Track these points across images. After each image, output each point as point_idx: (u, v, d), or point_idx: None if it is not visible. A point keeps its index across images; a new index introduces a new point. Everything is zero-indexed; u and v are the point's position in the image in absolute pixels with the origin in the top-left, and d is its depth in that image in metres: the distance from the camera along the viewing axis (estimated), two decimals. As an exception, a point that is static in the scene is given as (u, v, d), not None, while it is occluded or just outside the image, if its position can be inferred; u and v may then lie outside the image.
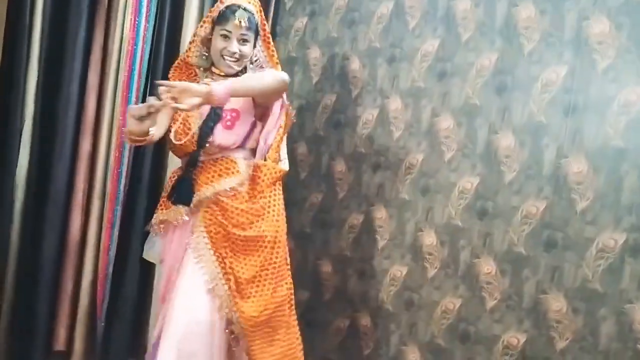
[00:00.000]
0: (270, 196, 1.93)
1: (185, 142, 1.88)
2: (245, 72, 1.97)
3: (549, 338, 1.83)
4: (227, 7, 1.90)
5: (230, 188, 1.89)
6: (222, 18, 1.89)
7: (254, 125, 1.96)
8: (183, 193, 1.88)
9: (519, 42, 1.96)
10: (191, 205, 1.88)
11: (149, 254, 2.04)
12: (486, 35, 2.06)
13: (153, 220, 1.97)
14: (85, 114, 2.23)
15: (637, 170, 1.68)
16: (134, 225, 2.39)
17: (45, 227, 2.19)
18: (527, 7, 1.95)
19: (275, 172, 1.94)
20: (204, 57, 1.98)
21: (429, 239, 2.16)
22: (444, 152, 2.14)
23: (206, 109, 1.88)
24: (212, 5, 2.56)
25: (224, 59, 1.90)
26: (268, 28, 2.04)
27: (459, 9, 2.14)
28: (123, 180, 2.40)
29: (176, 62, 2.05)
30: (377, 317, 2.29)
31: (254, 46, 1.97)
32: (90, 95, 2.23)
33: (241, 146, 1.96)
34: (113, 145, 2.34)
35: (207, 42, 1.96)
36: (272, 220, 1.92)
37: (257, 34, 1.95)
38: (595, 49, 1.78)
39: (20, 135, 2.08)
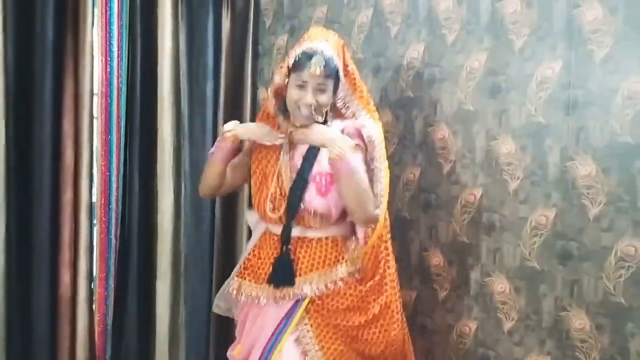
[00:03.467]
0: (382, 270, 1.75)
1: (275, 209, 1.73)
2: (326, 122, 1.76)
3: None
4: (303, 52, 1.68)
5: (341, 279, 1.71)
6: (298, 65, 1.67)
7: None
8: (285, 274, 1.71)
9: (507, 38, 1.81)
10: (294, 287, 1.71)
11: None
12: (473, 34, 1.90)
13: (233, 286, 1.83)
14: (62, 163, 2.13)
15: (651, 168, 1.51)
16: (129, 274, 2.30)
17: (33, 285, 2.10)
18: (512, 1, 1.79)
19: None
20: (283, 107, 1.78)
21: (436, 258, 2.01)
22: (442, 165, 1.99)
23: (291, 169, 1.74)
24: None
25: (299, 110, 1.71)
26: (351, 66, 1.78)
27: (440, 9, 1.99)
28: (112, 228, 2.31)
29: (260, 113, 1.91)
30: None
31: (334, 93, 1.74)
32: (67, 143, 2.14)
33: (342, 219, 1.77)
34: (97, 193, 2.24)
35: (283, 90, 1.75)
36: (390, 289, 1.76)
37: (337, 79, 1.72)
38: (590, 39, 1.62)
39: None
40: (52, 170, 2.10)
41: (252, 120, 2.65)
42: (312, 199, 1.72)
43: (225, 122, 2.58)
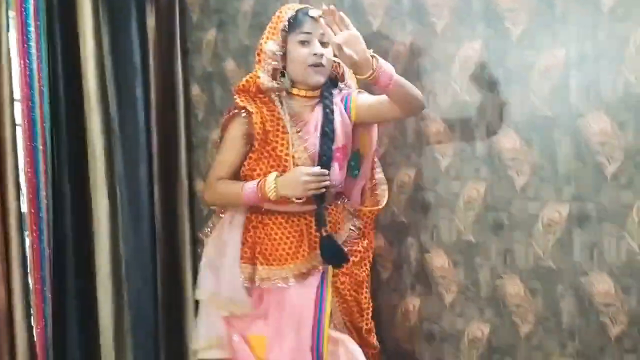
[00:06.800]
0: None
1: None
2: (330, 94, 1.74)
3: (512, 324, 1.74)
4: (297, 10, 1.68)
5: (348, 236, 1.80)
6: (296, 22, 1.66)
7: None
8: (339, 252, 1.70)
9: (430, 21, 1.86)
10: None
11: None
12: (396, 19, 1.95)
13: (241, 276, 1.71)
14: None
15: (568, 137, 1.60)
16: (66, 284, 2.23)
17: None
18: (431, -16, 1.85)
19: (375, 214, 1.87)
20: (280, 80, 1.71)
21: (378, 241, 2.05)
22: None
23: (312, 143, 1.70)
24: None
25: (308, 68, 1.66)
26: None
27: None
28: (45, 237, 2.22)
29: (240, 85, 1.74)
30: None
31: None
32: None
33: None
34: (26, 202, 2.16)
35: (279, 59, 1.68)
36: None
37: None
38: (506, 17, 1.69)
39: None
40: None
41: (187, 117, 2.61)
42: (335, 176, 1.73)
43: (158, 122, 2.54)
